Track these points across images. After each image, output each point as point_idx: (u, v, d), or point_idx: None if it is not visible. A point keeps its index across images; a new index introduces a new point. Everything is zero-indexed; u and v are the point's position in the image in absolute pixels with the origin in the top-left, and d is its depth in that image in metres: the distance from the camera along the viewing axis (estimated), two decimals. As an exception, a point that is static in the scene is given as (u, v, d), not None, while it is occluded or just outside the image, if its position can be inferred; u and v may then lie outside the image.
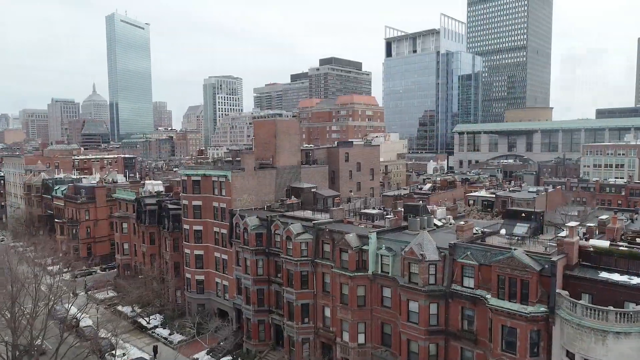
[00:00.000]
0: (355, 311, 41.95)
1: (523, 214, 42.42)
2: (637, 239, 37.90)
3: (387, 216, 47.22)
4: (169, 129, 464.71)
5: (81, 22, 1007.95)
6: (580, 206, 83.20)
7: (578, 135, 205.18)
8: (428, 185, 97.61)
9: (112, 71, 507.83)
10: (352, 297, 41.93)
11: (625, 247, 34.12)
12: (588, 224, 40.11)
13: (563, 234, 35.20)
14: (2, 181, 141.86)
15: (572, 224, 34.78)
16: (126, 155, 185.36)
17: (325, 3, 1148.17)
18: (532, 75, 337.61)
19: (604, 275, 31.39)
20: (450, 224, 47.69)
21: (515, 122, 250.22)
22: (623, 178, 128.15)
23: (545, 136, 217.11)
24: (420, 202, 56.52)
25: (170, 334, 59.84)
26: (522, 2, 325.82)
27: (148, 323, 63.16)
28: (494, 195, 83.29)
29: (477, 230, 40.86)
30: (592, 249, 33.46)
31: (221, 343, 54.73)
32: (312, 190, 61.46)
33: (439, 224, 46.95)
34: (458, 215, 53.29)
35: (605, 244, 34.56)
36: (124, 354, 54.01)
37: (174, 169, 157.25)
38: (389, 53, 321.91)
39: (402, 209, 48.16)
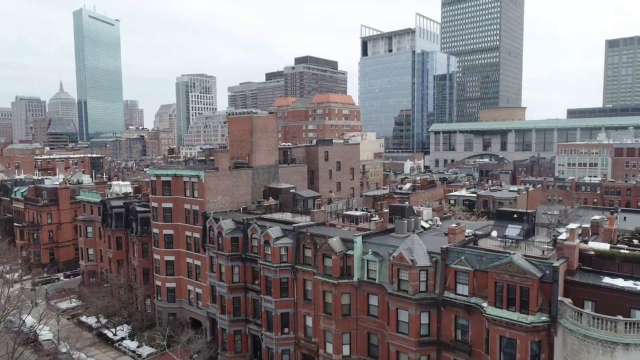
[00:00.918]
0: (339, 321, 39.26)
1: (515, 215, 40.26)
2: (634, 241, 36.34)
3: (373, 218, 44.45)
4: (141, 128, 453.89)
5: (48, 17, 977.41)
6: (561, 205, 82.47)
7: (551, 135, 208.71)
8: (408, 185, 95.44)
9: (81, 68, 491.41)
10: (336, 305, 39.23)
11: (627, 249, 32.25)
12: (583, 225, 38.18)
13: (562, 236, 33.04)
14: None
15: (573, 225, 32.78)
16: (93, 155, 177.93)
17: (301, 2, 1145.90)
18: (505, 76, 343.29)
19: (607, 280, 29.40)
20: (437, 226, 45.43)
21: (490, 121, 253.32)
22: (597, 177, 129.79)
23: (519, 135, 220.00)
24: (406, 203, 54.04)
25: (138, 347, 55.90)
26: (495, 4, 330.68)
27: (114, 335, 58.92)
28: (475, 195, 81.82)
29: (467, 233, 38.53)
30: (592, 253, 31.47)
31: (194, 356, 51.17)
32: (291, 191, 58.31)
33: (426, 225, 44.64)
34: (444, 216, 51.08)
35: (605, 246, 32.69)
36: (86, 371, 49.97)
37: (145, 169, 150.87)
38: (365, 52, 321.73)
39: (387, 211, 45.59)
